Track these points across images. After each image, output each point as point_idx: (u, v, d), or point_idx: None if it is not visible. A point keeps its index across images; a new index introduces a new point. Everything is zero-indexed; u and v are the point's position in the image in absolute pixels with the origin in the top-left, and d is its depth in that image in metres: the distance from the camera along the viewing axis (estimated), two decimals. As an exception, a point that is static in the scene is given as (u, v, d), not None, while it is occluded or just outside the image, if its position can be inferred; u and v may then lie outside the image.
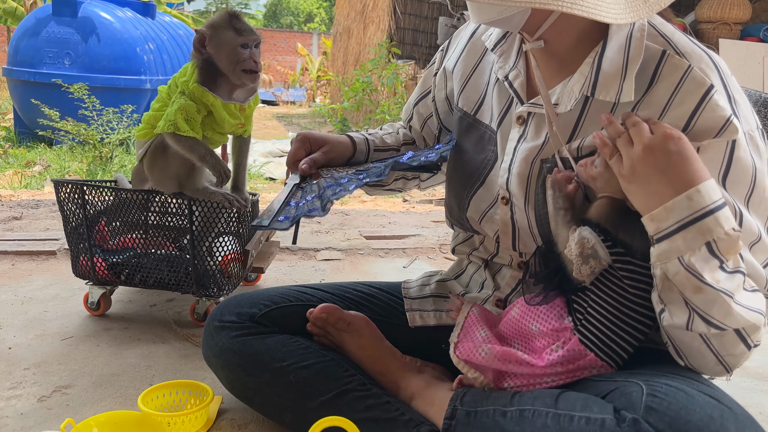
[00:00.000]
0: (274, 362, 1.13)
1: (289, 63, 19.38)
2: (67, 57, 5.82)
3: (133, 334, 1.66)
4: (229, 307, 1.22)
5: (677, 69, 0.92)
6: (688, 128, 0.90)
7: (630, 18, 0.84)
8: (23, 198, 3.35)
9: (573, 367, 0.95)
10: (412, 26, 8.14)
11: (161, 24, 6.81)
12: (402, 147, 1.34)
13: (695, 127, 0.90)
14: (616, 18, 0.83)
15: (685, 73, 0.91)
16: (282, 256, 2.37)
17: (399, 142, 1.35)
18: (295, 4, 34.62)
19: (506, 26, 0.99)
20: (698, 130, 0.90)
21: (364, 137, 1.30)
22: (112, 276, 1.69)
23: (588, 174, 0.94)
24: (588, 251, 0.91)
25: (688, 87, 0.91)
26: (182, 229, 1.71)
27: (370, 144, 1.30)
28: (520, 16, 0.94)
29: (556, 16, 0.95)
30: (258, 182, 4.60)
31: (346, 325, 1.18)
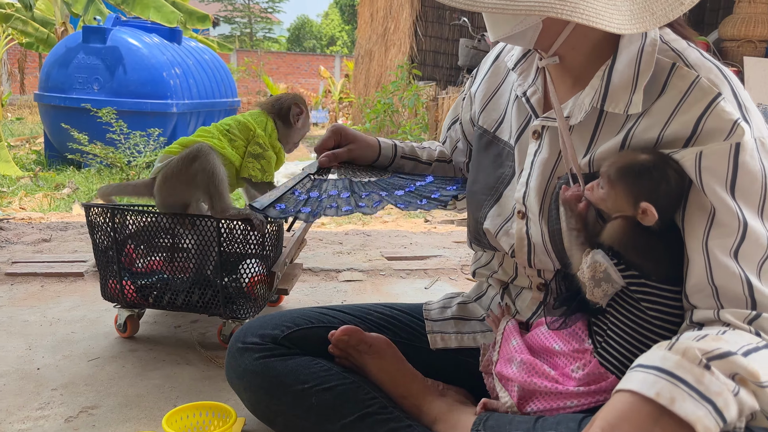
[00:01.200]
0: (296, 384, 1.13)
1: (312, 85, 19.64)
2: (96, 82, 5.97)
3: (158, 355, 1.68)
4: (252, 329, 1.23)
5: (685, 79, 0.91)
6: (694, 135, 0.89)
7: (635, 28, 0.83)
8: (52, 220, 3.42)
9: (595, 388, 0.94)
10: (433, 48, 8.21)
11: (187, 49, 6.95)
12: (434, 163, 1.36)
13: (702, 132, 0.88)
14: (619, 27, 0.83)
15: (693, 82, 0.90)
16: (304, 277, 2.39)
17: (432, 157, 1.36)
18: (317, 28, 35.13)
19: (520, 42, 1.00)
20: (705, 135, 0.88)
21: (393, 143, 1.33)
22: (140, 299, 1.72)
23: (596, 197, 0.94)
24: (600, 275, 0.91)
25: (696, 95, 0.90)
26: (210, 252, 1.73)
27: (398, 151, 1.32)
28: (532, 31, 0.95)
29: (569, 32, 0.96)
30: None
31: (367, 348, 1.19)
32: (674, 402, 0.74)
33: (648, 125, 0.93)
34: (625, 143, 0.95)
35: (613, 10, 0.83)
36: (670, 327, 0.91)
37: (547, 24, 0.94)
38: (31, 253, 2.65)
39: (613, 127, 0.97)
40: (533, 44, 0.99)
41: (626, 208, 0.91)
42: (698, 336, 0.81)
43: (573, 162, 0.99)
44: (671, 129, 0.91)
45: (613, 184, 0.91)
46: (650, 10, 0.84)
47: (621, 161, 0.92)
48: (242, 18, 31.95)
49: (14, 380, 1.52)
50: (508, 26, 0.95)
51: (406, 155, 1.33)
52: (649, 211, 0.88)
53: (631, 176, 0.90)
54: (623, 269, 0.90)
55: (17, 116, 11.77)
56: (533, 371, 0.99)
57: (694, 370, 0.75)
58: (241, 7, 31.72)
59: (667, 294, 0.90)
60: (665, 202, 0.90)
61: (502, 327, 1.12)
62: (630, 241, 0.91)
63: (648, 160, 0.90)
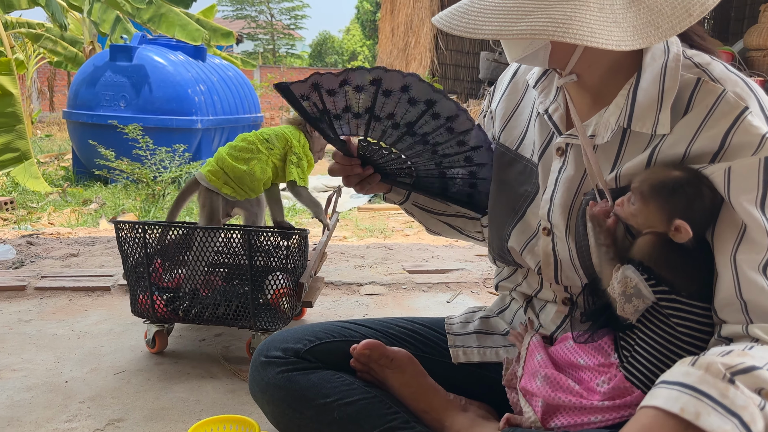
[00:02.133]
0: (318, 398, 1.13)
1: (334, 100, 19.74)
2: (123, 99, 6.10)
3: (183, 368, 1.70)
4: (275, 343, 1.24)
5: (711, 93, 0.90)
6: (722, 149, 0.88)
7: (638, 44, 0.83)
8: (80, 235, 3.49)
9: (620, 403, 0.93)
10: (453, 61, 8.24)
11: (211, 66, 7.06)
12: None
13: (729, 147, 0.88)
14: (619, 44, 0.82)
15: (719, 96, 0.90)
16: (326, 290, 2.40)
17: None
18: (339, 43, 35.45)
19: (534, 62, 1.00)
20: (733, 149, 0.88)
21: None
22: (170, 313, 1.74)
23: (627, 213, 0.93)
24: (631, 290, 0.90)
25: (722, 109, 0.89)
26: (238, 265, 1.75)
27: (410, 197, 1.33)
28: (543, 52, 0.95)
29: (581, 50, 0.96)
30: (303, 217, 4.68)
31: (389, 362, 1.18)
32: (699, 416, 0.73)
33: (674, 141, 0.93)
34: (651, 159, 0.95)
35: (612, 27, 0.82)
36: (699, 343, 0.90)
37: (556, 44, 0.94)
38: (60, 267, 2.71)
39: (638, 143, 0.97)
40: (547, 64, 0.99)
41: (659, 225, 0.90)
42: (723, 351, 0.80)
43: (599, 178, 0.99)
44: (698, 144, 0.90)
45: (645, 201, 0.90)
46: (655, 24, 0.83)
47: (653, 177, 0.91)
48: (265, 35, 32.40)
49: (43, 393, 1.55)
50: (520, 48, 0.95)
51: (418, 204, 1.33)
52: (683, 228, 0.87)
53: (665, 193, 0.89)
54: (654, 284, 0.89)
55: (46, 133, 12.04)
56: (557, 386, 0.99)
57: (718, 385, 0.74)
58: (264, 24, 32.18)
59: (698, 310, 0.89)
60: (699, 219, 0.89)
61: (526, 342, 1.11)
62: (661, 256, 0.90)
63: (682, 176, 0.89)
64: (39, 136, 11.32)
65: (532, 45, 0.94)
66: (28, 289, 2.36)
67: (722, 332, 0.87)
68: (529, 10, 0.84)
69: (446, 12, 0.92)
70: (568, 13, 0.83)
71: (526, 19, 0.84)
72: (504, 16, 0.86)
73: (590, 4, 0.83)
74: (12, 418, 1.42)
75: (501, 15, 0.86)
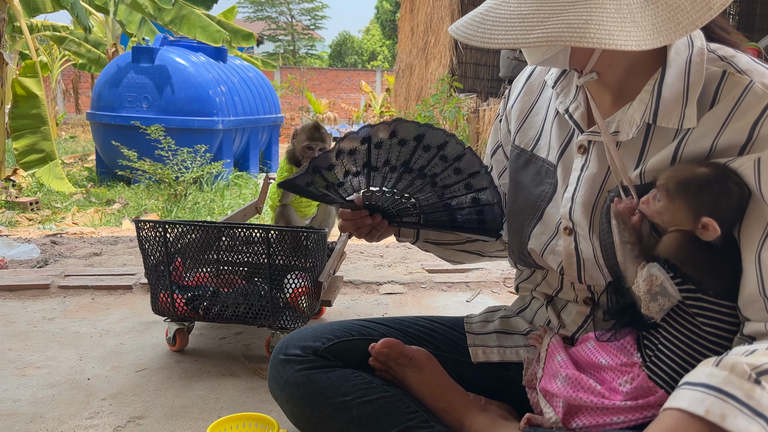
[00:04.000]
0: (337, 396, 1.13)
1: (353, 100, 19.84)
2: (145, 101, 6.17)
3: (203, 366, 1.70)
4: (294, 341, 1.24)
5: (738, 85, 0.89)
6: (750, 141, 0.86)
7: (658, 42, 0.81)
8: (103, 235, 3.54)
9: (643, 403, 0.92)
10: (473, 60, 8.21)
11: (232, 67, 7.12)
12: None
13: (758, 138, 0.86)
14: (639, 44, 0.80)
15: (746, 88, 0.88)
16: (345, 290, 2.40)
17: None
18: (359, 43, 35.52)
19: (555, 64, 0.99)
20: (762, 140, 0.86)
21: None
22: (190, 311, 1.75)
23: (652, 210, 0.91)
24: (656, 288, 0.88)
25: (750, 100, 0.87)
26: (257, 264, 1.75)
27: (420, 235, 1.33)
28: (563, 54, 0.94)
29: (600, 50, 0.94)
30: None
31: (407, 361, 1.18)
32: (725, 419, 0.71)
33: (700, 134, 0.91)
34: (677, 155, 0.93)
35: (631, 27, 0.81)
36: (725, 343, 0.88)
37: (575, 47, 0.93)
38: (83, 266, 2.74)
39: (663, 138, 0.95)
40: (567, 65, 0.98)
41: (685, 223, 0.88)
42: (747, 351, 0.78)
43: (624, 175, 0.97)
44: (725, 137, 0.88)
45: (672, 198, 0.89)
46: (675, 20, 0.82)
47: (679, 175, 0.90)
48: (285, 36, 32.58)
49: (66, 390, 1.57)
50: (539, 53, 0.95)
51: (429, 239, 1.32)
52: (711, 226, 0.85)
53: (692, 190, 0.88)
54: (679, 283, 0.88)
55: (71, 135, 12.24)
56: (579, 386, 0.97)
57: (744, 386, 0.73)
58: (284, 26, 32.37)
59: (724, 309, 0.87)
60: (727, 217, 0.87)
61: (546, 342, 1.10)
62: (687, 254, 0.88)
63: (708, 173, 0.87)
64: (63, 138, 11.51)
65: (551, 49, 0.93)
66: (51, 287, 2.39)
67: (745, 330, 0.85)
68: (545, 16, 0.83)
69: (462, 21, 0.91)
70: (584, 17, 0.81)
71: (542, 26, 0.83)
72: (520, 24, 0.85)
73: (606, 5, 0.82)
74: (35, 415, 1.44)
75: (517, 23, 0.85)
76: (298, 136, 2.26)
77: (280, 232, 1.67)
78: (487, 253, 1.35)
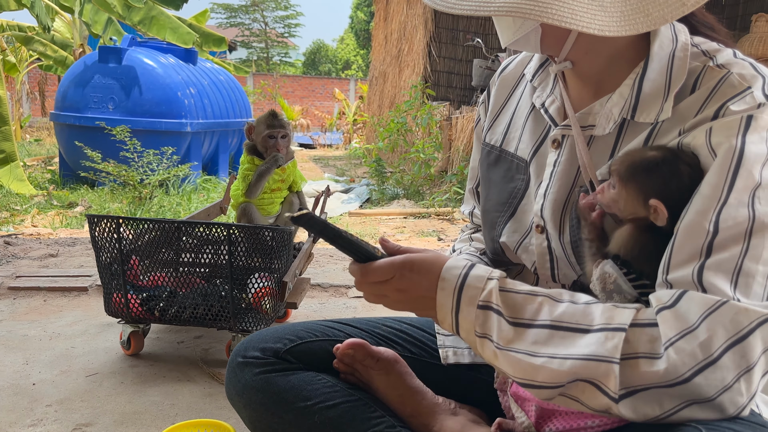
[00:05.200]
0: (298, 401, 1.06)
1: (327, 108, 19.79)
2: (111, 102, 6.02)
3: (159, 371, 1.61)
4: (254, 342, 1.17)
5: (714, 77, 0.86)
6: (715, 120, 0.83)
7: (624, 31, 0.79)
8: (61, 236, 3.40)
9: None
10: (446, 69, 8.22)
11: (202, 69, 7.01)
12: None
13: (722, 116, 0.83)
14: (602, 29, 0.78)
15: (722, 78, 0.85)
16: (313, 293, 2.32)
17: None
18: (333, 52, 35.54)
19: (527, 47, 0.96)
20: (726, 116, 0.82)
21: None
22: (146, 313, 1.66)
23: (607, 199, 0.88)
24: (611, 286, 0.85)
25: (724, 90, 0.84)
26: (218, 265, 1.67)
27: None
28: (534, 35, 0.91)
29: (575, 36, 0.92)
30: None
31: (374, 362, 1.11)
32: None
33: (671, 124, 0.88)
34: (647, 144, 0.90)
35: (597, 11, 0.78)
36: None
37: (546, 28, 0.90)
38: (37, 267, 2.62)
39: (636, 131, 0.92)
40: (539, 49, 0.95)
41: (638, 208, 0.85)
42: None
43: (590, 170, 0.94)
44: (693, 121, 0.85)
45: (624, 183, 0.86)
46: (645, 12, 0.79)
47: (630, 158, 0.87)
48: (259, 43, 32.43)
49: (8, 396, 1.46)
50: (510, 32, 0.92)
51: None
52: (660, 208, 0.82)
53: (642, 173, 0.85)
54: (634, 279, 0.84)
55: (35, 138, 11.93)
56: None
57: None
58: (257, 33, 32.22)
59: None
60: (677, 199, 0.83)
61: None
62: (638, 247, 0.85)
63: (658, 155, 0.85)
64: (28, 141, 11.21)
65: (522, 28, 0.90)
66: (0, 289, 2.27)
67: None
68: None
69: None
70: None
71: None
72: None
73: None
74: (-27, 422, 1.33)
75: None
76: (257, 128, 2.19)
77: (242, 229, 1.59)
78: None
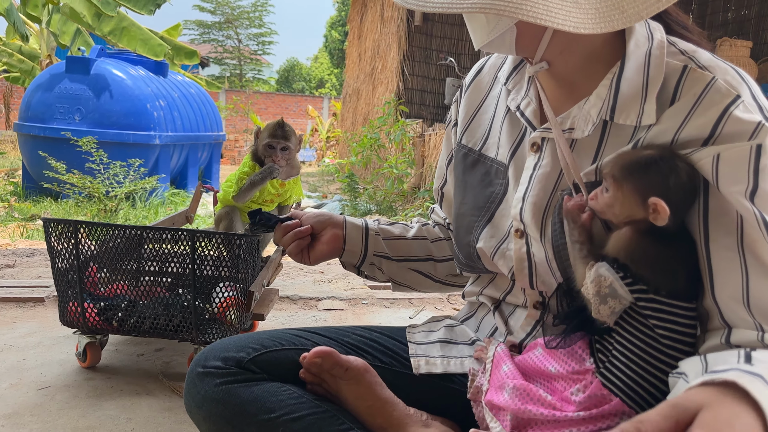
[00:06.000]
0: (262, 413, 1.01)
1: (300, 125, 19.75)
2: (78, 112, 5.89)
3: (116, 384, 1.54)
4: (215, 351, 1.11)
5: (699, 81, 0.85)
6: (712, 137, 0.82)
7: (599, 28, 0.78)
8: (19, 247, 3.28)
9: (597, 413, 0.84)
10: (419, 87, 8.27)
11: (173, 82, 6.92)
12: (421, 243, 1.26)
13: (720, 136, 0.81)
14: (577, 26, 0.77)
15: (708, 84, 0.84)
16: (281, 305, 2.26)
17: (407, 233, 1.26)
18: (307, 70, 35.60)
19: (501, 48, 0.94)
20: (724, 138, 0.81)
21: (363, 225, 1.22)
22: (103, 323, 1.58)
23: (602, 204, 0.86)
24: (605, 290, 0.82)
25: (712, 98, 0.83)
26: (181, 274, 1.60)
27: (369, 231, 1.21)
28: (509, 36, 0.89)
29: (549, 35, 0.90)
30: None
31: (343, 372, 1.06)
32: None
33: (660, 131, 0.86)
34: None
35: (572, 7, 0.77)
36: (680, 347, 0.81)
37: (522, 28, 0.88)
38: (-8, 278, 2.51)
39: (620, 136, 0.90)
40: (514, 50, 0.93)
41: (636, 210, 0.82)
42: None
43: (575, 173, 0.92)
44: (686, 133, 0.84)
45: (619, 184, 0.83)
46: (620, 8, 0.78)
47: (624, 159, 0.84)
48: (232, 59, 32.33)
49: (-49, 410, 1.37)
50: (484, 33, 0.89)
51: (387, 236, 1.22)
52: (660, 206, 0.79)
53: (639, 171, 0.82)
54: (630, 283, 0.81)
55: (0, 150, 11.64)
56: (527, 398, 0.89)
57: None
58: (231, 49, 32.13)
59: (679, 311, 0.81)
60: (677, 197, 0.81)
61: (491, 352, 1.01)
62: (637, 250, 0.82)
63: (654, 153, 0.83)
64: (-9, 153, 10.91)
65: (496, 28, 0.88)
66: (-48, 300, 2.16)
67: (732, 338, 0.78)
68: None
69: None
70: None
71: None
72: None
73: None
74: None
75: None
76: (261, 134, 2.14)
77: (208, 237, 1.53)
78: (438, 276, 1.26)
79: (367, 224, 1.22)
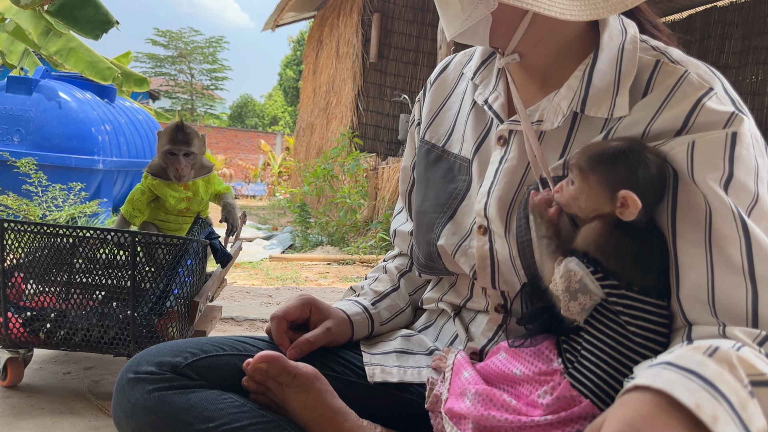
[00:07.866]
0: (199, 423, 0.91)
1: (252, 161, 19.59)
2: (17, 134, 5.66)
3: (37, 402, 1.39)
4: (149, 356, 1.00)
5: (672, 74, 0.84)
6: (685, 128, 0.80)
7: (584, 15, 0.79)
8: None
9: (565, 416, 0.78)
10: (373, 122, 8.34)
11: (120, 108, 6.77)
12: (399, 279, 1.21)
13: (693, 125, 0.80)
14: (563, 13, 0.77)
15: (681, 77, 0.84)
16: (225, 326, 2.14)
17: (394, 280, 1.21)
18: (260, 107, 35.57)
19: (475, 39, 0.93)
20: (697, 127, 0.80)
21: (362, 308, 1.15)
22: (29, 335, 1.43)
23: (567, 196, 0.83)
24: (575, 285, 0.79)
25: (685, 90, 0.82)
26: (117, 285, 1.48)
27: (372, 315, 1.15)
28: (483, 26, 0.88)
29: (525, 26, 0.89)
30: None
31: (290, 379, 0.97)
32: (717, 422, 0.56)
33: (631, 122, 0.85)
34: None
35: None
36: (652, 345, 0.77)
37: (497, 17, 0.88)
38: None
39: (590, 129, 0.89)
40: (488, 41, 0.91)
41: (603, 203, 0.79)
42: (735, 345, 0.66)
43: (542, 166, 0.89)
44: (658, 124, 0.82)
45: (585, 176, 0.80)
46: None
47: (591, 150, 0.82)
48: (184, 93, 32.05)
49: None
50: (458, 21, 0.88)
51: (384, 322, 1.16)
52: (630, 199, 0.76)
53: (606, 163, 0.79)
54: (601, 278, 0.78)
55: (-70, 174, 11.05)
56: (491, 403, 0.83)
57: (740, 393, 0.59)
58: (183, 84, 31.87)
59: (650, 308, 0.78)
60: (646, 190, 0.78)
61: (450, 360, 0.95)
62: (608, 244, 0.79)
63: (622, 144, 0.80)
64: None
65: (471, 17, 0.86)
66: None
67: (693, 335, 0.75)
68: None
69: None
70: None
71: None
72: None
73: None
74: None
75: None
76: (160, 140, 1.87)
77: (151, 239, 1.42)
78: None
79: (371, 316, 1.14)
